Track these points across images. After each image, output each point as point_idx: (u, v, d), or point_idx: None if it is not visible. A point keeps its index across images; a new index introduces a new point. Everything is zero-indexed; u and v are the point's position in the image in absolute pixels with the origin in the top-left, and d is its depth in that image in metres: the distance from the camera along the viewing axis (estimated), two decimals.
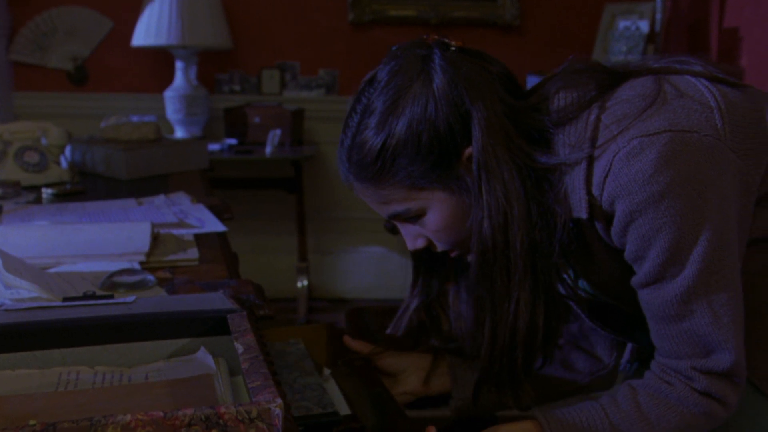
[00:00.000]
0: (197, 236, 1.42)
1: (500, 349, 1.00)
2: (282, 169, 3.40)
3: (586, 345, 1.28)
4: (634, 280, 0.97)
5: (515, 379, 1.03)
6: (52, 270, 1.19)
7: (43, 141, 2.09)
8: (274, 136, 3.17)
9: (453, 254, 1.08)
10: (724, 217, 0.92)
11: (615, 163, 0.91)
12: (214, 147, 3.20)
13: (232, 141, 3.29)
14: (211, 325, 0.80)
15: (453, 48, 0.99)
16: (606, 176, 0.92)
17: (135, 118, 3.17)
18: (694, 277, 0.91)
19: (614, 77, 1.00)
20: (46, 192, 1.92)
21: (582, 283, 1.12)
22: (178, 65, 3.30)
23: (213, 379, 0.72)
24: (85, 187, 2.01)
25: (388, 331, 1.20)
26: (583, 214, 0.95)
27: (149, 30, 3.17)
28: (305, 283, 3.49)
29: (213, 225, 1.50)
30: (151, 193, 1.84)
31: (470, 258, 1.03)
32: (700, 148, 0.90)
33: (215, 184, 2.98)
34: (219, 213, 1.67)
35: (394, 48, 1.03)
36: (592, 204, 0.95)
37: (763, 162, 0.97)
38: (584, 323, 1.23)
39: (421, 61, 0.97)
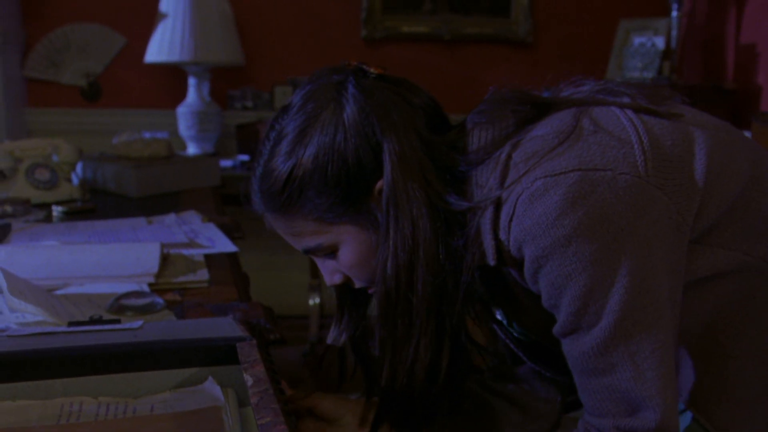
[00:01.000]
0: (207, 257, 1.40)
1: (397, 391, 0.95)
2: None
3: (527, 386, 1.20)
4: (555, 330, 0.89)
5: (412, 423, 1.00)
6: (60, 292, 1.17)
7: (55, 158, 2.08)
8: None
9: (371, 291, 1.02)
10: (645, 261, 0.84)
11: (518, 205, 0.85)
12: (226, 163, 3.18)
13: (245, 157, 3.28)
14: (220, 354, 0.77)
15: (372, 75, 0.94)
16: (510, 220, 0.86)
17: (147, 135, 3.16)
18: (611, 328, 0.83)
19: (537, 110, 0.94)
20: (56, 210, 1.91)
21: (516, 326, 1.08)
22: (191, 81, 3.30)
23: (221, 412, 0.69)
24: (96, 204, 1.99)
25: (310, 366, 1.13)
26: (491, 261, 0.90)
27: (162, 46, 3.16)
28: (317, 300, 3.46)
29: (223, 245, 1.48)
30: (161, 212, 1.82)
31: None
32: (613, 187, 0.83)
33: (227, 201, 2.95)
34: (230, 232, 1.64)
35: (314, 72, 0.97)
36: (501, 249, 0.89)
37: (695, 198, 0.89)
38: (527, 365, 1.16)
39: (334, 87, 0.92)
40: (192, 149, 3.32)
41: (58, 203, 1.98)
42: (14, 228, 1.64)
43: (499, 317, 1.09)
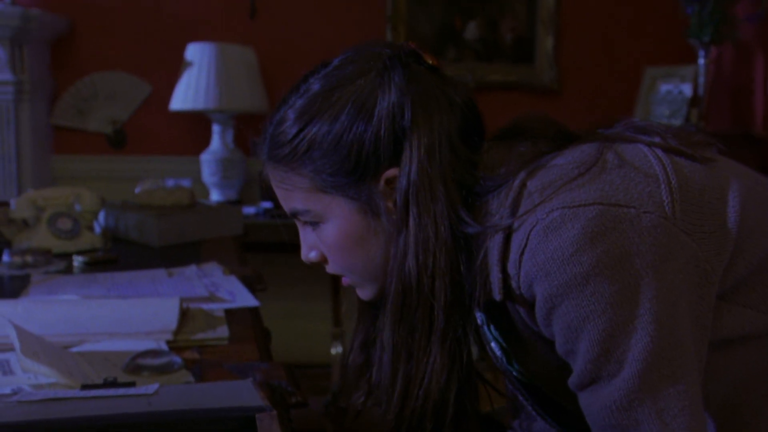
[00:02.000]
0: (228, 312, 1.36)
1: (410, 411, 0.88)
2: None
3: None
4: (570, 381, 0.82)
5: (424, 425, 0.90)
6: (75, 349, 1.14)
7: (77, 207, 2.07)
8: None
9: (345, 281, 0.97)
10: (670, 308, 0.77)
11: (531, 238, 0.79)
12: (249, 210, 3.17)
13: (268, 205, 3.26)
14: (238, 426, 0.73)
15: (426, 64, 0.89)
16: (522, 253, 0.80)
17: (170, 182, 3.16)
18: (635, 379, 0.76)
19: (559, 138, 0.89)
20: (77, 260, 1.89)
21: (516, 365, 1.00)
22: (215, 129, 3.31)
23: None
24: (117, 254, 1.97)
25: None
26: (496, 296, 0.84)
27: (187, 94, 3.18)
28: (339, 350, 3.41)
29: (245, 299, 1.45)
30: (182, 262, 1.80)
31: (365, 294, 0.95)
32: (636, 225, 0.77)
33: (249, 248, 2.93)
34: (252, 284, 1.61)
35: (368, 40, 0.94)
36: (508, 285, 0.83)
37: (726, 248, 0.82)
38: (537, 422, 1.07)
39: (381, 60, 0.88)
40: (215, 196, 3.31)
41: (79, 253, 1.97)
42: (33, 280, 1.62)
43: (496, 351, 1.01)
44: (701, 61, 3.11)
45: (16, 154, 3.26)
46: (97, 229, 2.19)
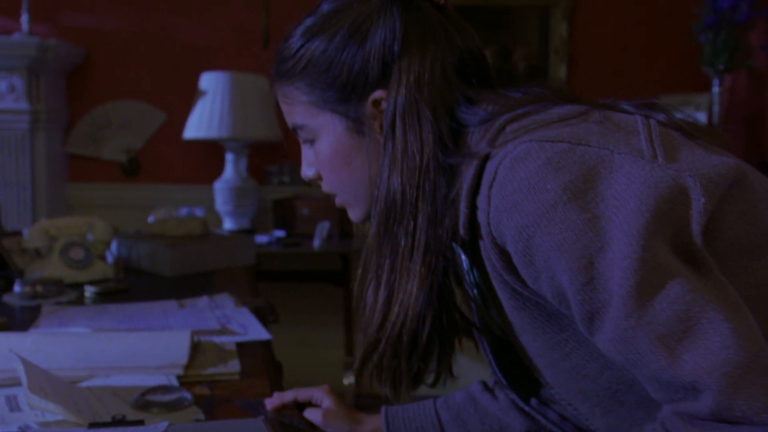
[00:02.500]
0: (240, 345, 1.35)
1: (390, 327, 0.89)
2: (330, 262, 3.34)
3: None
4: (581, 327, 0.79)
5: (397, 369, 0.91)
6: (84, 384, 1.12)
7: (89, 236, 2.07)
8: (323, 228, 3.12)
9: (337, 201, 1.01)
10: (646, 235, 0.73)
11: (500, 170, 0.79)
12: (262, 239, 3.17)
13: (281, 233, 3.26)
14: None
15: (431, 1, 0.93)
16: (491, 186, 0.80)
17: (184, 211, 3.16)
18: (623, 307, 0.72)
19: (557, 99, 0.90)
20: (88, 290, 1.88)
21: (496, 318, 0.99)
22: (229, 157, 3.31)
23: None
24: (129, 284, 1.96)
25: None
26: (462, 231, 0.85)
27: (201, 123, 3.19)
28: (352, 379, 3.38)
29: (257, 332, 1.43)
30: (194, 293, 1.79)
31: (354, 215, 0.99)
32: (607, 162, 0.76)
33: (262, 277, 2.92)
34: (264, 315, 1.60)
35: None
36: (476, 222, 0.83)
37: (714, 195, 0.78)
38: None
39: None
40: (228, 225, 3.31)
41: (91, 283, 1.96)
42: (44, 311, 1.61)
43: (479, 299, 0.99)
44: (716, 89, 3.09)
45: (31, 182, 3.28)
46: (110, 258, 2.19)
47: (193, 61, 3.41)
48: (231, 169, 3.30)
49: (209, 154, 3.52)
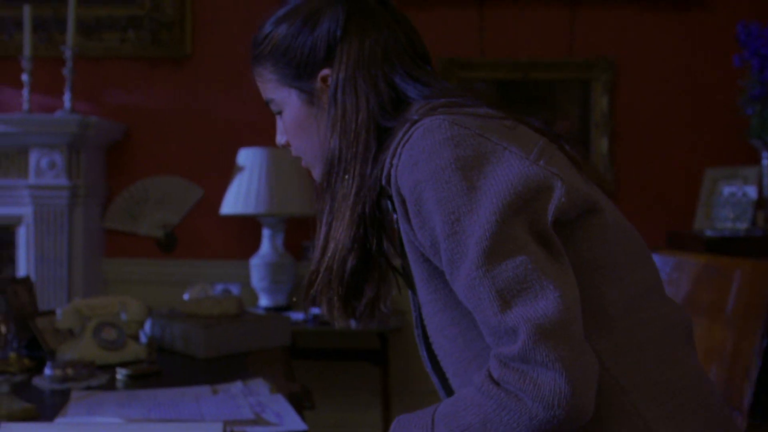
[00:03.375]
0: None
1: (327, 259, 1.07)
2: (367, 340, 3.25)
3: None
4: (447, 276, 0.95)
5: (330, 294, 1.09)
6: None
7: (123, 316, 2.02)
8: None
9: (303, 164, 1.21)
10: (509, 212, 0.90)
11: (414, 134, 0.97)
12: (297, 316, 3.10)
13: (317, 310, 3.18)
14: None
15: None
16: (404, 145, 0.97)
17: (219, 287, 3.12)
18: (474, 261, 0.89)
19: (489, 103, 1.05)
20: (120, 373, 1.82)
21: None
22: (265, 233, 3.28)
23: None
24: (162, 366, 1.90)
25: None
26: (383, 181, 1.01)
27: (238, 198, 3.17)
28: None
29: (292, 422, 1.35)
30: (228, 376, 1.72)
31: (315, 175, 1.18)
32: (499, 153, 0.93)
33: (297, 355, 2.85)
34: (299, 402, 1.52)
35: None
36: (389, 176, 1.00)
37: (579, 200, 0.96)
38: None
39: None
40: (264, 301, 3.25)
41: (123, 364, 1.90)
42: (74, 396, 1.55)
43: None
44: (765, 161, 3.00)
45: (68, 257, 3.27)
46: (143, 338, 2.13)
47: (230, 136, 3.42)
48: (267, 245, 3.26)
49: (246, 229, 3.49)
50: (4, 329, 2.08)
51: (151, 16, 3.44)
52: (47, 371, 1.73)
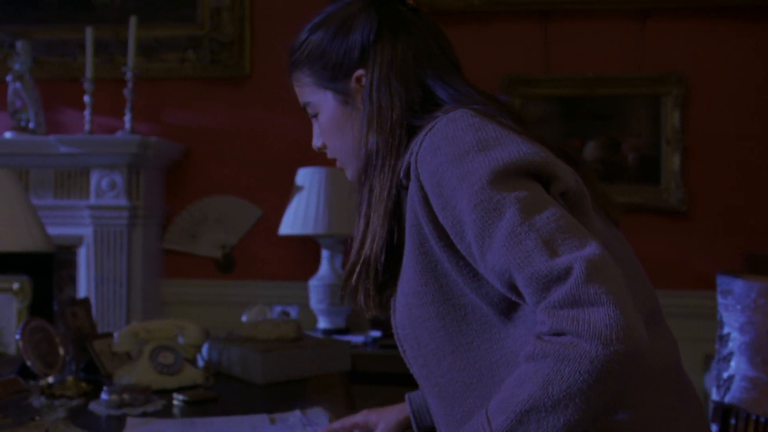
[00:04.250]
0: None
1: (366, 251, 1.10)
2: None
3: None
4: (475, 252, 0.96)
5: (367, 285, 1.11)
6: None
7: (180, 340, 1.97)
8: None
9: (338, 164, 1.25)
10: (535, 185, 0.95)
11: (437, 125, 1.01)
12: (357, 339, 3.02)
13: (377, 333, 3.11)
14: None
15: (408, 6, 1.19)
16: (426, 134, 1.01)
17: (277, 309, 3.06)
18: (514, 216, 0.91)
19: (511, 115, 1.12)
20: (177, 398, 1.77)
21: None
22: (324, 254, 3.22)
23: None
24: (218, 392, 1.85)
25: None
26: (401, 174, 1.06)
27: (296, 219, 3.12)
28: None
29: None
30: (286, 402, 1.65)
31: (349, 175, 1.23)
32: (514, 139, 0.98)
33: (356, 380, 2.76)
34: None
35: None
36: (409, 164, 1.04)
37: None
38: None
39: None
40: (323, 323, 3.19)
41: (180, 389, 1.85)
42: (129, 423, 1.50)
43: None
44: None
45: (127, 278, 3.26)
46: (200, 362, 2.08)
47: (289, 156, 3.38)
48: (326, 266, 3.20)
49: (304, 250, 3.44)
50: (62, 352, 2.05)
51: (210, 36, 3.43)
52: (104, 396, 1.69)
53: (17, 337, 1.97)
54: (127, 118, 3.26)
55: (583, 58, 3.31)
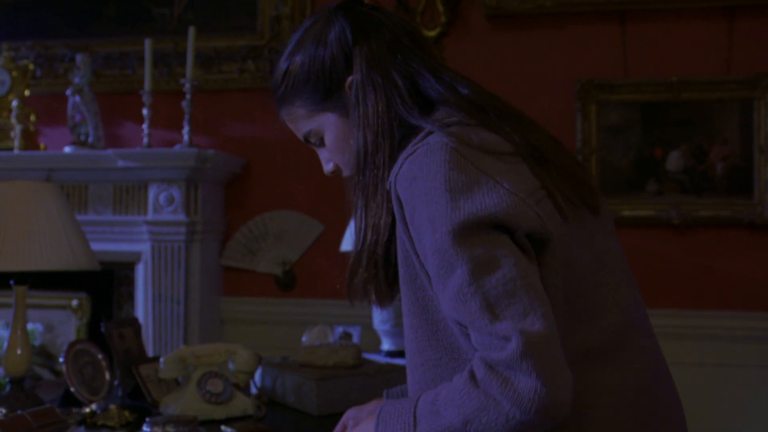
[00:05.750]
0: None
1: (366, 245, 1.11)
2: None
3: None
4: (436, 288, 1.00)
5: (370, 280, 1.13)
6: None
7: (231, 366, 1.83)
8: None
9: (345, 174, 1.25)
10: (500, 238, 0.97)
11: (419, 149, 1.02)
12: None
13: None
14: None
15: (365, 5, 1.20)
16: (408, 156, 1.03)
17: (339, 329, 2.91)
18: (464, 275, 0.94)
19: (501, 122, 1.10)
20: (225, 430, 1.63)
21: None
22: None
23: None
24: (271, 424, 1.70)
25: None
26: (392, 177, 1.05)
27: None
28: None
29: None
30: None
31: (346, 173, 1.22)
32: (489, 185, 0.99)
33: None
34: None
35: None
36: (393, 180, 1.05)
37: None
38: None
39: (330, 9, 1.20)
40: (386, 345, 3.01)
41: (228, 421, 1.71)
42: None
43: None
44: None
45: (184, 296, 3.16)
46: (253, 389, 1.94)
47: None
48: None
49: None
50: (108, 377, 1.93)
51: (270, 45, 3.32)
52: (145, 429, 1.56)
53: (61, 360, 1.87)
54: (185, 130, 3.17)
55: (664, 60, 3.08)
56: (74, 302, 3.42)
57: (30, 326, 3.02)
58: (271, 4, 3.33)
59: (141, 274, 3.24)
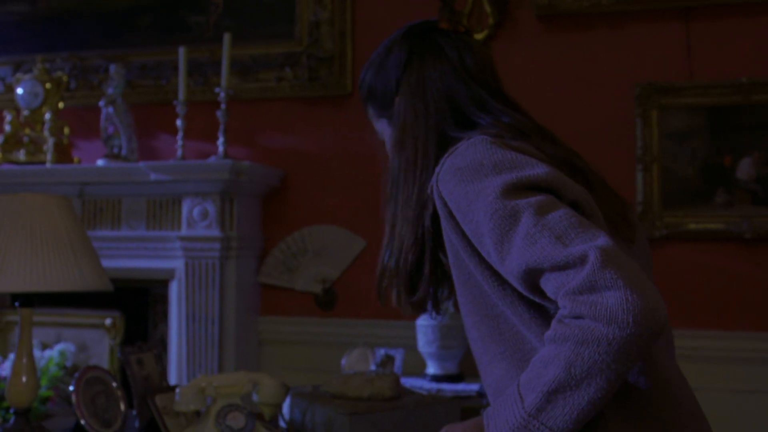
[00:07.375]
0: None
1: (394, 256, 1.22)
2: None
3: None
4: (495, 260, 1.02)
5: (397, 286, 1.23)
6: None
7: (254, 397, 1.65)
8: None
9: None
10: (549, 198, 1.01)
11: (459, 147, 1.10)
12: (470, 388, 2.63)
13: None
14: None
15: (436, 29, 1.32)
16: (449, 156, 1.10)
17: (381, 352, 2.72)
18: (528, 220, 0.97)
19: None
20: None
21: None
22: None
23: None
24: None
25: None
26: (433, 180, 1.12)
27: None
28: None
29: None
30: None
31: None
32: (530, 164, 1.05)
33: None
34: None
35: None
36: (433, 183, 1.13)
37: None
38: None
39: (404, 33, 1.34)
40: (432, 369, 2.81)
41: None
42: None
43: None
44: None
45: (219, 315, 3.00)
46: (281, 422, 1.76)
47: None
48: None
49: None
50: (122, 408, 1.77)
51: (308, 52, 3.16)
52: None
53: (71, 389, 1.71)
54: (220, 141, 3.02)
55: (733, 60, 2.84)
56: (107, 321, 3.29)
57: (62, 346, 2.90)
58: (309, 9, 3.17)
59: (174, 293, 3.10)
